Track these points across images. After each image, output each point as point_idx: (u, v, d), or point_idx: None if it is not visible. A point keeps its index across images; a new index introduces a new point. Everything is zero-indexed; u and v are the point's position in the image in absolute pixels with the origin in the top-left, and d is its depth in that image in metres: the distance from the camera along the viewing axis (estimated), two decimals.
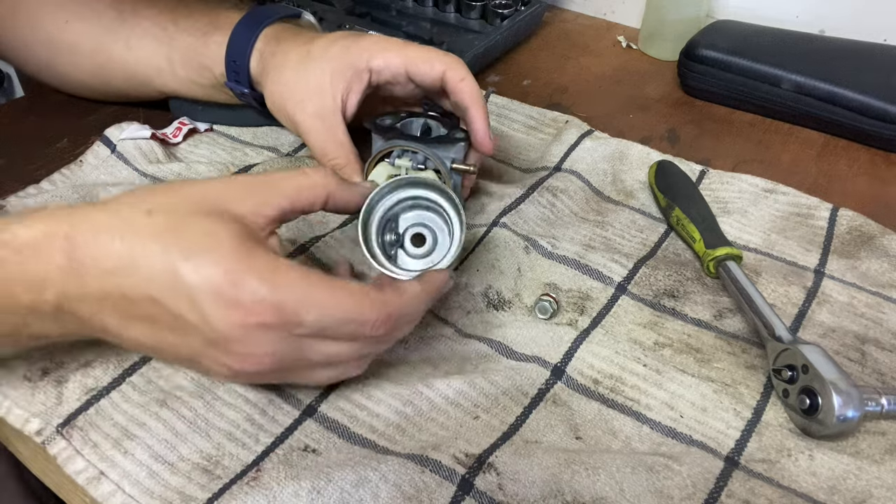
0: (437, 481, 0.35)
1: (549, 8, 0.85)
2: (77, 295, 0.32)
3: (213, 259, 0.31)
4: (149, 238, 0.32)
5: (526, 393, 0.41)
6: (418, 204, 0.42)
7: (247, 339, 0.32)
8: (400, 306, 0.36)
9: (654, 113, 0.67)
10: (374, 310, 0.34)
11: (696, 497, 0.36)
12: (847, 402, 0.37)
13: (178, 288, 0.31)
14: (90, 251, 0.32)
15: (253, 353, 0.33)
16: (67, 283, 0.32)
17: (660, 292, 0.48)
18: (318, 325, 0.33)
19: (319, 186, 0.37)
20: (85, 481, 0.36)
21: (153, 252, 0.31)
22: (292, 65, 0.49)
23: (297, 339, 0.33)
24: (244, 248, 0.32)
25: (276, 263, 0.33)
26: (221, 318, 0.31)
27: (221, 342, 0.32)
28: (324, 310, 0.33)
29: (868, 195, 0.58)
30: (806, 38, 0.67)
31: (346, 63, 0.48)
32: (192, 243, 0.32)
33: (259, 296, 0.31)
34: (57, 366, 0.41)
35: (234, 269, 0.31)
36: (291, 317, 0.32)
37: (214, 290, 0.31)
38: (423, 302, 0.38)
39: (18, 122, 0.62)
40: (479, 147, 0.48)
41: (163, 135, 0.57)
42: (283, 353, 0.33)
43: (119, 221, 0.32)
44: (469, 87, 0.48)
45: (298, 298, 0.32)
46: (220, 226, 0.33)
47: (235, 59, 0.52)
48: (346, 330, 0.34)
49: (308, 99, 0.48)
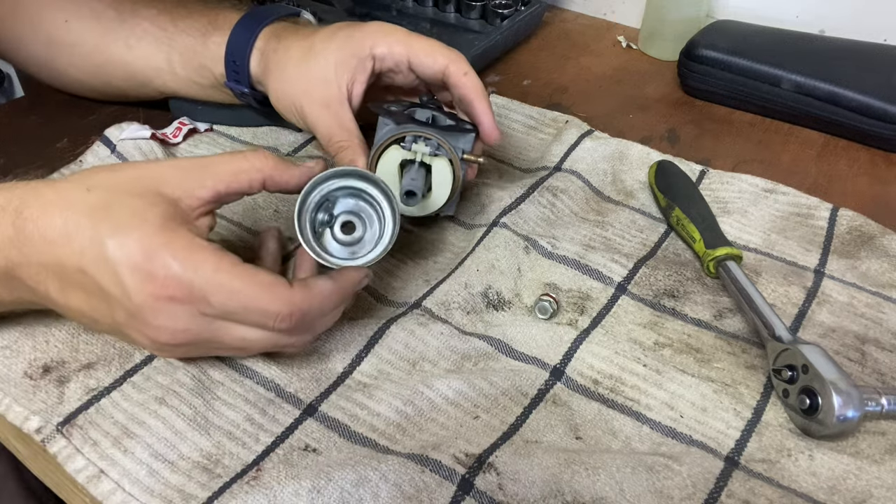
0: (438, 481, 0.35)
1: (549, 8, 0.85)
2: (22, 262, 0.35)
3: (136, 237, 0.34)
4: (83, 214, 0.35)
5: (526, 393, 0.41)
6: (359, 195, 0.42)
7: (160, 311, 0.34)
8: (307, 302, 0.37)
9: (654, 113, 0.67)
10: (278, 303, 0.35)
11: (696, 497, 0.36)
12: (847, 402, 0.37)
13: (103, 262, 0.34)
14: (35, 224, 0.35)
15: (167, 327, 0.35)
16: (14, 251, 0.35)
17: (660, 292, 0.48)
18: (223, 309, 0.35)
19: (255, 169, 0.39)
20: (85, 480, 0.36)
21: (85, 227, 0.34)
22: (295, 59, 0.49)
23: (207, 319, 0.36)
24: (167, 227, 0.35)
25: (193, 244, 0.35)
26: (138, 290, 0.34)
27: (139, 314, 0.35)
28: (230, 295, 0.35)
29: (868, 195, 0.58)
30: (806, 38, 0.67)
31: (349, 52, 0.48)
32: (119, 221, 0.34)
33: (171, 271, 0.34)
34: (58, 364, 0.41)
35: (152, 246, 0.34)
36: (198, 295, 0.34)
37: (133, 264, 0.34)
38: (334, 300, 0.39)
39: (18, 122, 0.62)
40: (487, 138, 0.49)
41: (163, 135, 0.57)
42: (196, 330, 0.36)
43: (61, 197, 0.36)
44: (473, 82, 0.48)
45: (207, 279, 0.34)
46: (149, 206, 0.35)
47: (235, 59, 0.52)
48: (253, 318, 0.36)
49: (314, 89, 0.48)
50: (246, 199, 0.53)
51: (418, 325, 0.44)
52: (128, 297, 0.34)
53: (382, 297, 0.48)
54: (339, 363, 0.43)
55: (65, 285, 0.36)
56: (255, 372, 0.41)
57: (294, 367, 0.42)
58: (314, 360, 0.42)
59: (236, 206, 0.53)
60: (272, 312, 0.35)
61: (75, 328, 0.43)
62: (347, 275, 0.40)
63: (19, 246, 0.35)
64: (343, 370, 0.42)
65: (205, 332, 0.36)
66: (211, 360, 0.42)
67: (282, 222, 0.52)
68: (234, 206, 0.53)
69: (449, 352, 0.43)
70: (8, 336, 0.42)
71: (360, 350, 0.43)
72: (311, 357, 0.43)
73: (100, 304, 0.36)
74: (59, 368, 0.41)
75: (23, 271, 0.36)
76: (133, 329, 0.36)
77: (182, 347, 0.37)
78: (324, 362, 0.43)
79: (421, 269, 0.50)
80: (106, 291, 0.35)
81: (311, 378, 0.42)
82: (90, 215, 0.35)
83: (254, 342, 0.37)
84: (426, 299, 0.47)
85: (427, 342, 0.44)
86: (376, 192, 0.42)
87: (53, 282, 0.36)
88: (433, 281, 0.49)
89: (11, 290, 0.37)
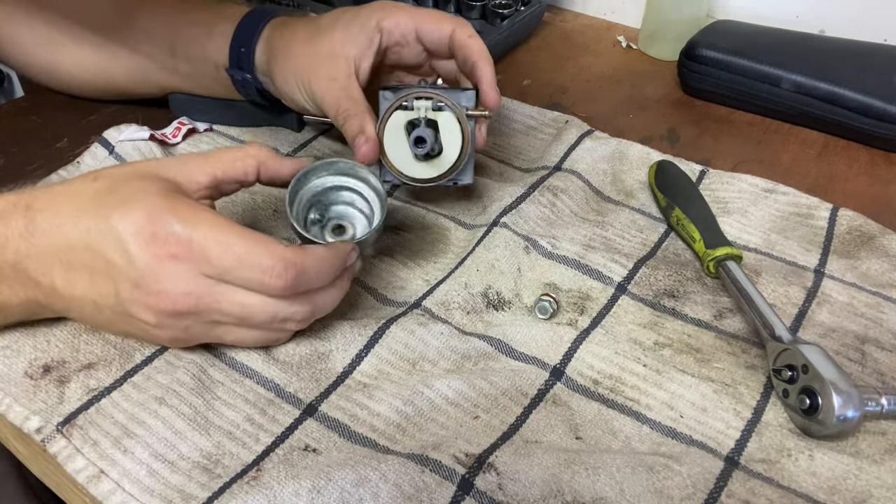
0: (437, 481, 0.35)
1: (549, 8, 0.85)
2: (31, 253, 0.37)
3: (139, 206, 0.36)
4: (89, 198, 0.37)
5: (526, 393, 0.41)
6: (349, 191, 0.44)
7: (162, 273, 0.36)
8: (300, 259, 0.37)
9: (654, 113, 0.67)
10: (273, 257, 0.36)
11: (696, 497, 0.36)
12: (847, 402, 0.37)
13: (108, 232, 0.36)
14: (44, 214, 0.37)
15: (169, 291, 0.36)
16: (24, 243, 0.37)
17: (660, 292, 0.48)
18: (222, 264, 0.36)
19: (250, 156, 0.41)
20: (85, 480, 0.36)
21: (92, 207, 0.37)
22: (301, 40, 0.50)
23: (208, 282, 0.37)
24: (169, 196, 0.37)
25: (193, 206, 0.37)
26: (140, 252, 0.35)
27: (143, 281, 0.36)
28: (228, 248, 0.36)
29: (868, 195, 0.58)
30: (806, 38, 0.67)
31: (356, 28, 0.49)
32: (124, 197, 0.36)
33: (172, 230, 0.35)
34: (59, 364, 0.41)
35: (156, 210, 0.36)
36: (197, 251, 0.36)
37: (137, 228, 0.35)
38: (328, 265, 0.39)
39: (18, 122, 0.62)
40: (485, 98, 0.49)
41: (162, 135, 0.57)
42: (197, 293, 0.36)
43: (70, 189, 0.38)
44: (477, 44, 0.49)
45: (206, 235, 0.36)
46: (152, 184, 0.37)
47: (242, 46, 0.53)
48: (249, 275, 0.36)
49: (321, 65, 0.49)
50: (246, 199, 0.54)
51: (418, 325, 0.44)
52: (132, 263, 0.35)
53: (382, 297, 0.48)
54: (339, 363, 0.43)
55: (70, 270, 0.37)
56: (255, 372, 0.41)
57: (294, 366, 0.42)
58: (314, 360, 0.42)
59: (236, 206, 0.53)
60: (266, 266, 0.36)
61: (76, 328, 0.43)
62: (338, 245, 0.41)
63: (28, 237, 0.37)
64: (343, 370, 0.42)
65: (205, 297, 0.37)
66: (211, 359, 0.42)
67: (281, 222, 0.53)
68: (234, 206, 0.53)
69: (449, 352, 0.43)
70: (8, 336, 0.42)
71: (360, 350, 0.43)
72: (312, 357, 0.43)
73: (104, 281, 0.36)
74: (60, 368, 0.41)
75: (30, 263, 0.37)
76: (136, 303, 0.36)
77: (183, 319, 0.37)
78: (324, 362, 0.43)
79: (421, 269, 0.50)
80: (111, 263, 0.36)
81: (311, 378, 0.42)
82: (95, 198, 0.37)
83: (253, 309, 0.38)
84: (426, 299, 0.47)
85: (427, 342, 0.44)
86: (363, 185, 0.43)
87: (59, 270, 0.37)
88: (433, 281, 0.49)
89: (18, 289, 0.38)
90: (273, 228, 0.52)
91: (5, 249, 0.37)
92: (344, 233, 0.44)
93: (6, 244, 0.37)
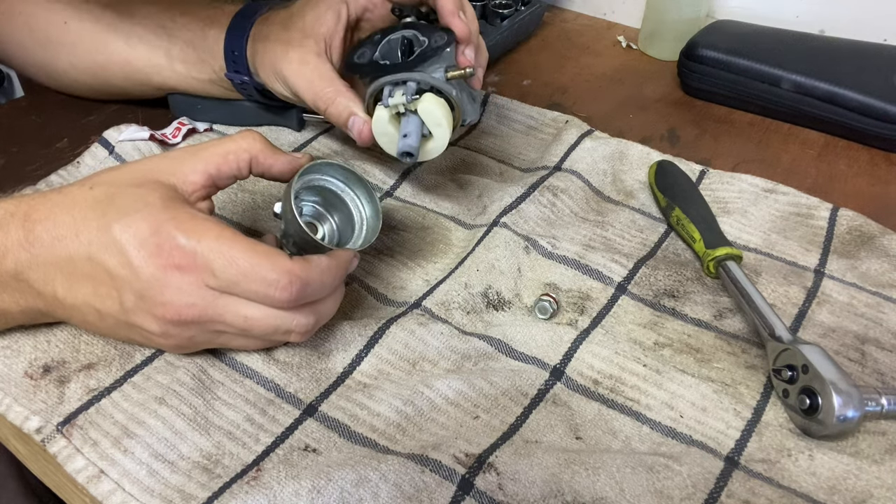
0: (437, 481, 0.35)
1: (549, 8, 0.85)
2: (32, 264, 0.36)
3: (141, 216, 0.36)
4: (89, 208, 0.37)
5: (526, 393, 0.41)
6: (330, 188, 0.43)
7: (167, 284, 0.35)
8: (305, 272, 0.37)
9: (654, 113, 0.67)
10: (277, 270, 0.36)
11: (696, 497, 0.36)
12: (847, 402, 0.37)
13: (111, 244, 0.35)
14: (44, 225, 0.36)
15: (173, 302, 0.36)
16: (24, 253, 0.36)
17: (660, 292, 0.48)
18: (226, 277, 0.36)
19: (242, 150, 0.40)
20: (85, 480, 0.36)
21: (91, 218, 0.36)
22: (276, 30, 0.50)
23: (212, 293, 0.36)
24: (170, 206, 0.36)
25: (196, 217, 0.36)
26: (144, 264, 0.35)
27: (147, 293, 0.35)
28: (232, 261, 0.35)
29: (868, 195, 0.58)
30: (806, 38, 0.67)
31: (323, 7, 0.49)
32: (124, 207, 0.36)
33: (176, 241, 0.35)
34: (59, 364, 0.41)
35: (158, 221, 0.35)
36: (202, 263, 0.35)
37: (140, 240, 0.35)
38: (331, 275, 0.39)
39: (18, 122, 0.62)
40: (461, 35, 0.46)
41: (162, 135, 0.57)
42: (202, 305, 0.36)
43: (68, 198, 0.37)
44: None
45: (211, 247, 0.35)
46: (150, 192, 0.37)
47: (234, 49, 0.52)
48: (253, 287, 0.36)
49: (291, 50, 0.48)
50: (246, 199, 0.54)
51: (418, 325, 0.44)
52: (136, 274, 0.35)
53: (382, 297, 0.48)
54: (339, 363, 0.43)
55: (72, 280, 0.36)
56: (255, 372, 0.41)
57: (294, 367, 0.42)
58: (314, 360, 0.42)
59: (236, 206, 0.53)
60: (272, 280, 0.36)
61: (76, 328, 0.43)
62: (340, 253, 0.40)
63: (28, 247, 0.36)
64: (343, 370, 0.42)
65: (209, 309, 0.36)
66: (211, 359, 0.42)
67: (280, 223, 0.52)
68: (234, 206, 0.53)
69: (449, 352, 0.43)
70: (8, 336, 0.42)
71: (360, 350, 0.43)
72: (312, 357, 0.43)
73: (108, 292, 0.36)
74: (60, 368, 0.41)
75: (31, 273, 0.37)
76: (140, 313, 0.36)
77: (188, 329, 0.37)
78: (324, 362, 0.43)
79: (421, 269, 0.50)
80: (114, 275, 0.35)
81: (311, 378, 0.42)
82: (95, 208, 0.36)
83: (257, 322, 0.37)
84: (426, 299, 0.47)
85: (427, 342, 0.44)
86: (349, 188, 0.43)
87: (61, 280, 0.37)
88: (433, 281, 0.49)
89: (19, 298, 0.38)
90: (273, 229, 0.52)
91: (5, 259, 0.37)
92: (315, 232, 0.43)
93: (6, 254, 0.36)
